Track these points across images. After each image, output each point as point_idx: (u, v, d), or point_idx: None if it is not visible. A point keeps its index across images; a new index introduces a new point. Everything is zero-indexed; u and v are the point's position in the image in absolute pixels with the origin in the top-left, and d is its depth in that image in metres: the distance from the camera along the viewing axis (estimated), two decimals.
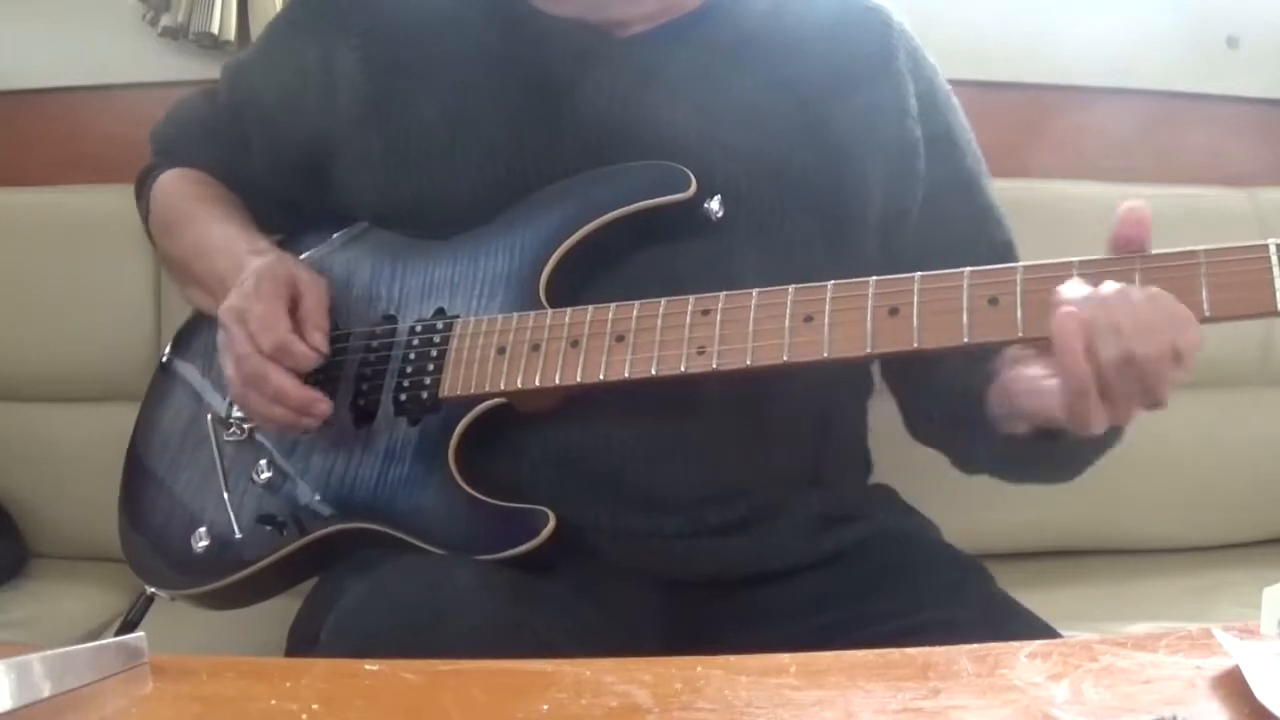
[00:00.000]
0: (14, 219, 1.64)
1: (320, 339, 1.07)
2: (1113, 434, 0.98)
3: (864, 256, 1.12)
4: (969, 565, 1.14)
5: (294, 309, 1.08)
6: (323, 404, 1.06)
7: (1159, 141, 1.73)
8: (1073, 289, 0.88)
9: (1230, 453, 1.68)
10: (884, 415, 1.22)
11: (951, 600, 1.01)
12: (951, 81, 1.21)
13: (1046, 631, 0.97)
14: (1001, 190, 1.22)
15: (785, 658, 0.75)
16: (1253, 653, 0.70)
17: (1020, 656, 0.74)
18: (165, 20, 1.65)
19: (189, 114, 1.33)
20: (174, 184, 1.29)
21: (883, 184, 1.13)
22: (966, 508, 1.27)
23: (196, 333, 1.26)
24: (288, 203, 1.26)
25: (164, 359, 1.28)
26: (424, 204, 1.12)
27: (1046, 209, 1.64)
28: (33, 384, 1.64)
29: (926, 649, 0.76)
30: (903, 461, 1.23)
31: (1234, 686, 0.69)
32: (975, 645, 0.76)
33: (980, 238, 1.17)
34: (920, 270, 0.97)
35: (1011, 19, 1.73)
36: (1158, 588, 1.56)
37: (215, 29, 1.63)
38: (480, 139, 1.11)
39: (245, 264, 1.12)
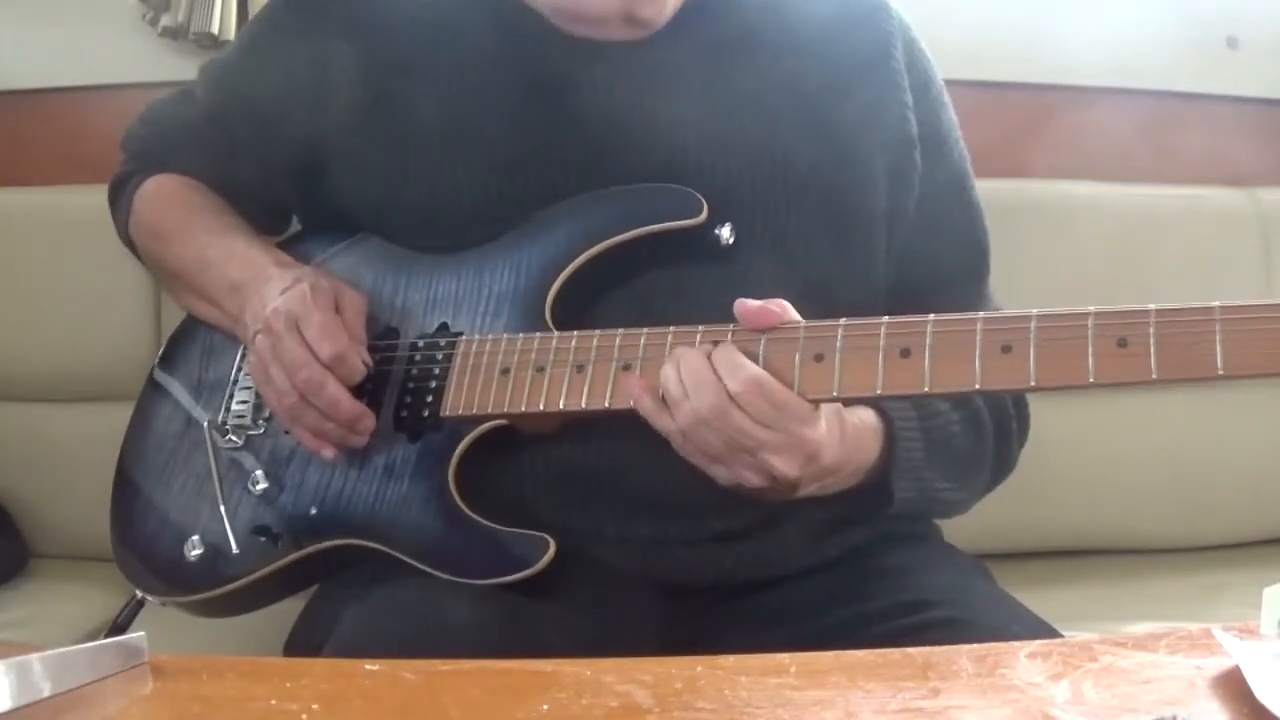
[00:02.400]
0: (14, 219, 1.64)
1: (365, 353, 1.05)
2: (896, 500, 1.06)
3: (871, 257, 1.11)
4: (969, 565, 1.14)
5: None
6: (369, 420, 1.04)
7: (1159, 141, 1.73)
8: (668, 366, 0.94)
9: (1230, 453, 1.67)
10: None
11: (952, 600, 1.01)
12: (951, 81, 1.21)
13: (1047, 631, 0.97)
14: (1001, 190, 1.22)
15: (785, 658, 0.75)
16: (1253, 653, 0.70)
17: (1020, 656, 0.74)
18: (165, 20, 1.65)
19: (164, 117, 1.30)
20: (163, 190, 1.25)
21: (886, 180, 1.12)
22: None
23: (191, 338, 1.23)
24: (276, 206, 1.25)
25: (156, 364, 1.25)
26: (425, 207, 1.10)
27: (1046, 209, 1.64)
28: (32, 384, 1.64)
29: (926, 649, 0.76)
30: None
31: (1234, 686, 0.69)
32: (975, 645, 0.76)
33: (967, 238, 1.18)
34: (905, 269, 1.00)
35: (1011, 19, 1.73)
36: (1158, 588, 1.56)
37: (215, 29, 1.63)
38: (481, 141, 1.09)
39: (270, 273, 1.10)
